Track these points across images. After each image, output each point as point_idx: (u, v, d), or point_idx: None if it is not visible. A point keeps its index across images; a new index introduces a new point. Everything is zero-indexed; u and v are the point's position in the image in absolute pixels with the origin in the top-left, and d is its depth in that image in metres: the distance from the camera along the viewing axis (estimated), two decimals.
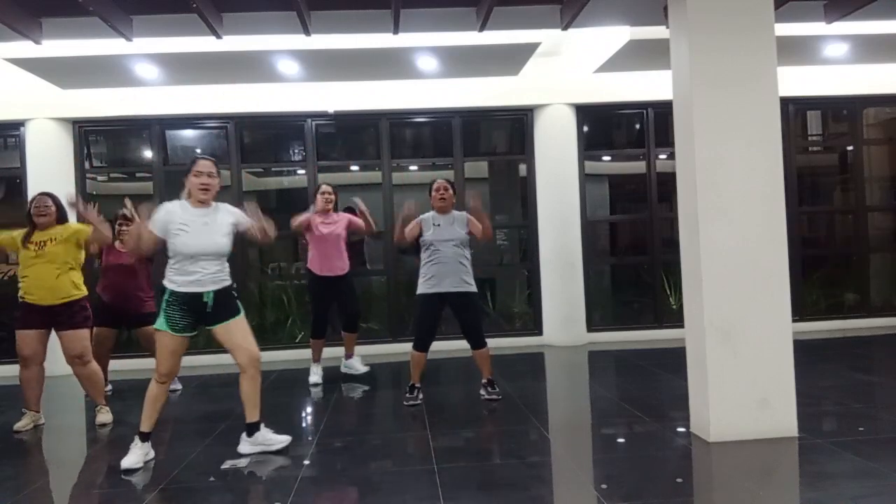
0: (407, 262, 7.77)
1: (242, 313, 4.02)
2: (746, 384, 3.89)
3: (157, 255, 6.04)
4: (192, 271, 3.80)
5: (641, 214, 8.07)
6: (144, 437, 3.94)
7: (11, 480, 3.82)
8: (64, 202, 4.90)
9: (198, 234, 3.80)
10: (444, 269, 4.99)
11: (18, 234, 4.81)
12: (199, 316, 3.86)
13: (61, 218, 4.88)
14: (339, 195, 6.10)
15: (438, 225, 5.09)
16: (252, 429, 4.05)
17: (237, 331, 3.95)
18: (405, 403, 5.12)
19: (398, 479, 3.55)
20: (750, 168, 3.94)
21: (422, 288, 5.07)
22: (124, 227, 5.84)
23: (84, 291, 4.92)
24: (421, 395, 5.19)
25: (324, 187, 6.02)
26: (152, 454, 4.00)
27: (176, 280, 3.82)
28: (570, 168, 7.71)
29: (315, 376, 6.11)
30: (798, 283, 7.47)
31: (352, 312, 6.17)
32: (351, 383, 6.14)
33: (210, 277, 3.84)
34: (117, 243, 5.93)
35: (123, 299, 5.71)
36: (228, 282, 3.96)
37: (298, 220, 5.81)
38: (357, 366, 6.35)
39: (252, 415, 4.05)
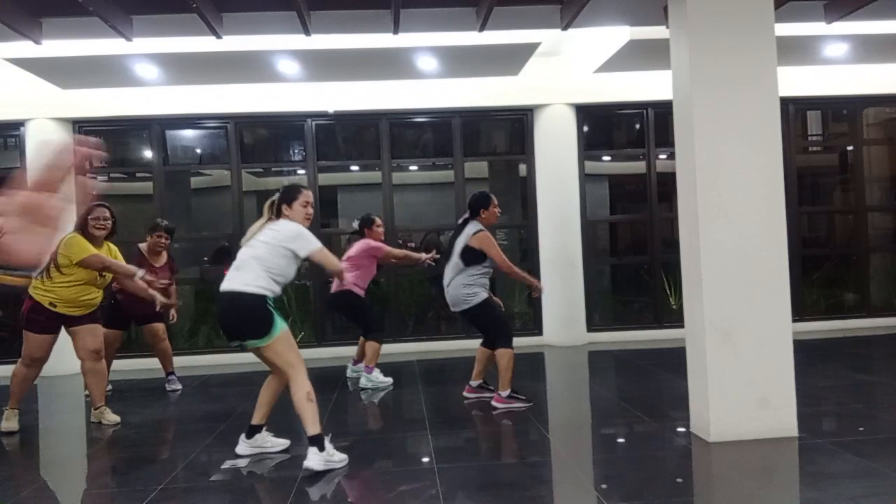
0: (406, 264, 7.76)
1: None
2: (746, 384, 3.89)
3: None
4: (281, 289, 3.86)
5: (641, 214, 8.07)
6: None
7: (11, 481, 3.82)
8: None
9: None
10: (488, 281, 5.10)
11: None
12: None
13: (112, 232, 4.90)
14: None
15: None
16: (253, 431, 4.04)
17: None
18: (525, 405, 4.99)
19: (398, 479, 3.55)
20: (750, 168, 3.94)
21: (484, 293, 5.01)
22: (162, 240, 5.86)
23: None
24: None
25: (378, 220, 5.98)
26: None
27: (276, 290, 3.80)
28: (570, 168, 7.71)
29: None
30: (798, 283, 7.46)
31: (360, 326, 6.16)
32: (352, 383, 6.15)
33: None
34: (143, 247, 5.92)
35: (141, 305, 5.65)
36: None
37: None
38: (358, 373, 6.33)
39: (260, 417, 4.04)
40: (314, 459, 3.60)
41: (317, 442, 3.63)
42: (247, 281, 3.69)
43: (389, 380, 5.97)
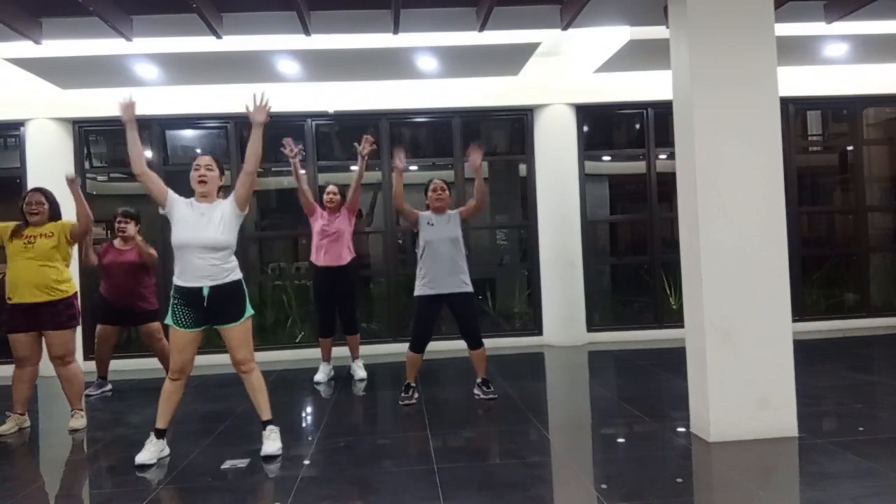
0: (406, 263, 7.77)
1: (247, 316, 3.99)
2: (746, 384, 3.89)
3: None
4: (191, 263, 3.84)
5: (641, 214, 8.07)
6: (159, 434, 3.97)
7: (11, 481, 3.82)
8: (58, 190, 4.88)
9: (190, 227, 3.85)
10: (442, 269, 5.02)
11: (6, 226, 4.74)
12: (201, 311, 3.87)
13: (54, 215, 4.82)
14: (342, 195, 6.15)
15: (432, 224, 5.13)
16: (263, 426, 4.07)
17: (232, 338, 3.97)
18: (401, 403, 5.13)
19: (398, 479, 3.55)
20: (750, 168, 3.94)
21: (420, 290, 5.08)
22: (123, 225, 5.90)
23: (71, 289, 4.80)
24: (416, 394, 5.20)
25: (329, 187, 6.11)
26: (167, 451, 4.04)
27: (177, 273, 3.89)
28: (570, 168, 7.71)
29: (320, 374, 6.19)
30: (798, 283, 7.46)
31: (348, 312, 6.16)
32: (352, 383, 6.14)
33: (207, 271, 3.84)
34: (117, 241, 5.98)
35: (125, 297, 5.75)
36: (231, 278, 3.93)
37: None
38: (357, 370, 6.32)
39: (261, 414, 4.08)
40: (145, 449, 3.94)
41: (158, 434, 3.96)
42: None
43: (318, 378, 6.22)
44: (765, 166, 3.95)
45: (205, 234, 3.84)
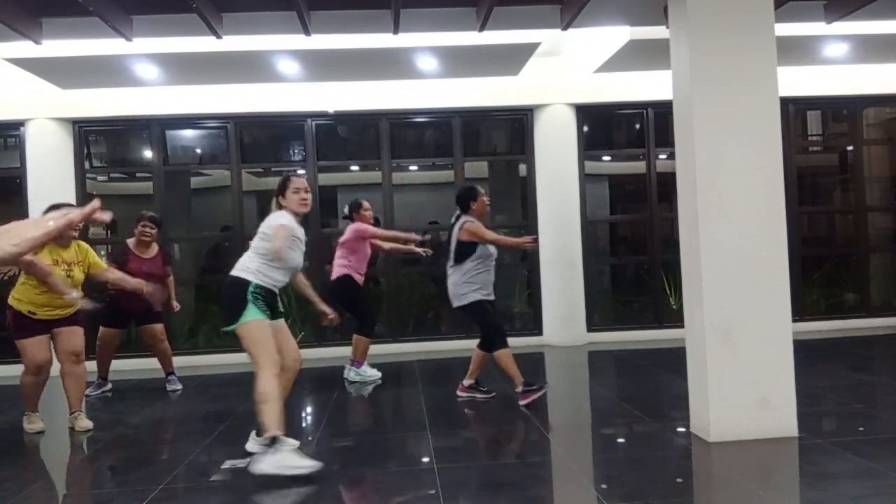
0: (406, 263, 7.76)
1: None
2: (746, 384, 3.89)
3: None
4: (284, 276, 3.94)
5: (641, 214, 8.07)
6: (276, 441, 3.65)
7: (11, 481, 3.82)
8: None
9: (300, 251, 3.98)
10: (490, 278, 5.05)
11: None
12: (271, 308, 3.92)
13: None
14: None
15: None
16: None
17: (286, 330, 4.05)
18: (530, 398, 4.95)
19: (398, 479, 3.55)
20: (750, 168, 3.94)
21: (478, 295, 4.96)
22: (147, 230, 5.85)
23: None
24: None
25: (366, 204, 6.12)
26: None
27: (268, 278, 3.84)
28: (570, 168, 7.71)
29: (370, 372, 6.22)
30: (798, 283, 7.46)
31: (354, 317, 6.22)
32: (351, 384, 6.15)
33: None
34: (137, 247, 5.89)
35: (142, 304, 5.66)
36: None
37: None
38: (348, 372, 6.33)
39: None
40: (262, 461, 3.53)
41: (269, 444, 3.57)
42: (237, 265, 3.86)
43: (378, 373, 6.12)
44: (765, 166, 3.95)
45: (302, 257, 4.03)
